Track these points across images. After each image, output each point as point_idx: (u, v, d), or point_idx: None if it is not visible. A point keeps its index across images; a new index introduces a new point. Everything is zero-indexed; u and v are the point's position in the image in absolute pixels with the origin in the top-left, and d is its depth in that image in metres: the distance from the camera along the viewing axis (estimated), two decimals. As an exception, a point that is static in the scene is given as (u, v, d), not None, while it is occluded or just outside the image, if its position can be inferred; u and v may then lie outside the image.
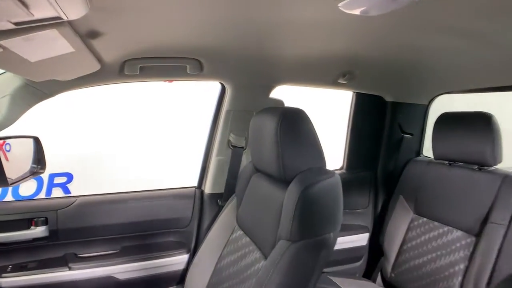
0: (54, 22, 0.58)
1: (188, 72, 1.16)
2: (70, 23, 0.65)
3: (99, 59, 0.98)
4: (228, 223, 1.27)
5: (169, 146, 3.54)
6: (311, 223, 0.89)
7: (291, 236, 0.87)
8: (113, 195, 1.43)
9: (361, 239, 1.74)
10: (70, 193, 3.33)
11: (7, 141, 1.51)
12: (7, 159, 1.48)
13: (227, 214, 1.31)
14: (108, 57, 1.00)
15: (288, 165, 0.96)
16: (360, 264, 1.79)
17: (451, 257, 1.35)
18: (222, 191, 1.46)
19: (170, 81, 3.69)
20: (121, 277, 1.33)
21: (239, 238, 1.18)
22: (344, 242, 1.66)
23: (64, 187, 3.36)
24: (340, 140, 1.83)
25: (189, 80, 1.36)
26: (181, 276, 1.41)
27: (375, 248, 1.77)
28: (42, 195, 3.20)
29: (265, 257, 0.98)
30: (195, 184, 1.54)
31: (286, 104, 1.42)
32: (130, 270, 1.34)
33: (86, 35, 0.76)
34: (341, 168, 1.81)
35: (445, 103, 1.72)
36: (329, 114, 3.29)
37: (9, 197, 3.02)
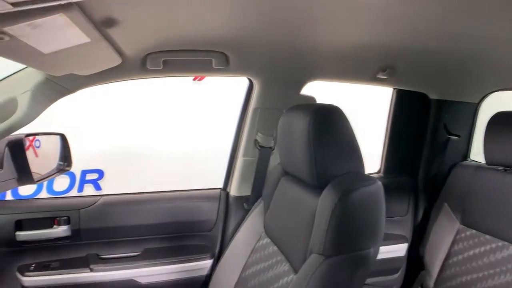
0: (60, 4, 0.52)
1: (213, 66, 1.08)
2: (81, 7, 0.58)
3: (119, 52, 0.92)
4: (254, 229, 1.19)
5: (201, 146, 3.50)
6: (348, 236, 0.78)
7: (324, 250, 0.77)
8: (137, 195, 1.38)
9: (398, 250, 1.60)
10: (101, 189, 3.38)
11: (36, 137, 1.51)
12: (36, 155, 1.47)
13: (254, 219, 1.23)
14: (129, 50, 0.93)
15: (321, 169, 0.86)
16: (397, 276, 1.64)
17: (506, 276, 1.18)
18: (249, 194, 1.38)
19: (200, 79, 3.67)
20: (143, 281, 1.28)
21: (266, 246, 1.09)
22: (380, 252, 1.53)
23: (95, 183, 3.41)
24: (375, 141, 1.70)
25: (214, 75, 1.28)
26: (204, 282, 1.34)
27: (414, 260, 1.62)
28: (74, 191, 3.27)
29: (295, 271, 0.88)
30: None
31: (319, 102, 1.31)
32: (152, 274, 1.28)
33: (102, 23, 0.70)
34: (378, 172, 1.67)
35: (494, 102, 1.54)
36: (363, 112, 3.12)
37: (43, 193, 3.10)
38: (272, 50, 1.06)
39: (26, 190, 2.88)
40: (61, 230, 1.24)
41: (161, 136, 3.45)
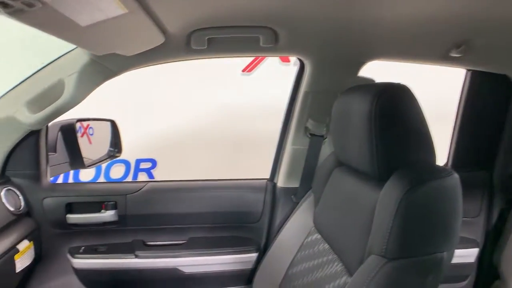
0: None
1: (261, 44, 0.99)
2: None
3: (162, 30, 0.87)
4: (303, 223, 1.10)
5: (251, 135, 3.44)
6: (417, 237, 0.65)
7: (386, 252, 0.65)
8: (182, 182, 1.35)
9: (467, 255, 1.40)
10: (153, 178, 3.47)
11: (90, 124, 1.54)
12: (90, 142, 1.50)
13: (303, 212, 1.13)
14: (172, 27, 0.88)
15: (384, 157, 0.73)
16: (465, 285, 1.45)
17: None
18: (297, 185, 1.28)
19: (249, 70, 3.60)
20: (186, 270, 1.25)
21: (316, 242, 0.99)
22: None
23: (148, 172, 3.52)
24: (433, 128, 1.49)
25: (262, 55, 1.20)
26: (249, 277, 1.28)
27: (487, 268, 1.42)
28: (129, 178, 3.39)
29: (350, 273, 0.77)
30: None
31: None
32: (196, 264, 1.25)
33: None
34: (445, 165, 1.48)
35: None
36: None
37: (101, 179, 3.25)
38: (327, 25, 0.94)
39: (85, 176, 3.04)
40: (108, 215, 1.24)
41: (211, 126, 3.45)
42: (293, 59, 3.47)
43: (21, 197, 1.14)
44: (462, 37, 1.02)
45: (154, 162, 3.53)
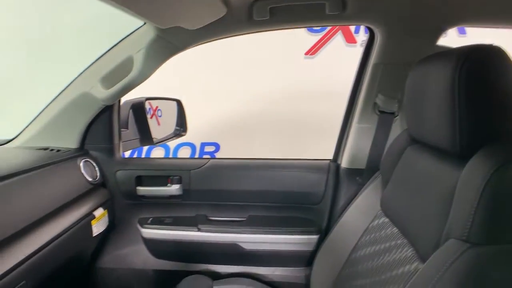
0: None
1: (327, 12, 0.92)
2: None
3: (224, 1, 0.85)
4: (369, 206, 1.02)
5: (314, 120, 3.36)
6: (509, 221, 0.56)
7: (469, 236, 0.56)
8: (244, 160, 1.35)
9: None
10: (216, 160, 3.58)
11: (158, 106, 1.61)
12: (159, 123, 1.58)
13: (369, 194, 1.05)
14: (236, 1, 0.86)
15: (469, 131, 0.63)
16: None
17: None
18: (363, 166, 1.19)
19: (312, 53, 3.48)
20: (246, 247, 1.25)
21: (383, 226, 0.92)
22: None
23: (212, 155, 3.64)
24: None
25: (327, 24, 1.12)
26: (309, 259, 1.24)
27: None
28: (194, 161, 3.55)
29: (422, 259, 0.69)
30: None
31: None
32: (255, 241, 1.25)
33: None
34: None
35: None
36: None
37: (170, 160, 3.45)
38: None
39: (155, 155, 3.24)
40: (174, 189, 1.29)
41: (273, 110, 3.43)
42: (360, 39, 3.29)
43: (97, 169, 1.24)
44: None
45: (217, 146, 3.63)
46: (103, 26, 1.95)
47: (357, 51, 1.19)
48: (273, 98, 3.44)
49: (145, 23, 1.01)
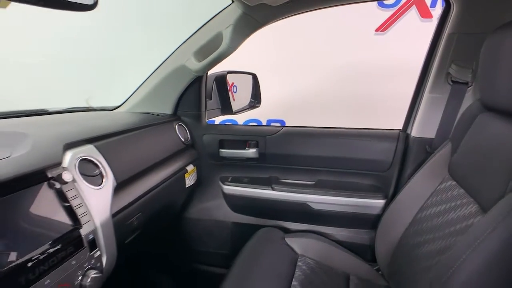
0: None
1: None
2: None
3: None
4: (436, 172, 1.07)
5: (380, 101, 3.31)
6: None
7: None
8: (314, 129, 1.46)
9: None
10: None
11: (234, 83, 1.77)
12: (233, 99, 1.75)
13: (437, 161, 1.10)
14: None
15: None
16: None
17: None
18: (433, 136, 1.23)
19: (383, 29, 3.39)
20: (315, 206, 1.37)
21: (450, 188, 0.97)
22: None
23: (277, 132, 3.79)
24: None
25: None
26: (374, 222, 1.32)
27: None
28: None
29: (485, 212, 0.75)
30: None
31: None
32: (324, 202, 1.36)
33: None
34: None
35: None
36: None
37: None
38: None
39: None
40: (251, 152, 1.46)
41: (339, 87, 3.44)
42: (436, 13, 3.12)
43: (187, 132, 1.44)
44: None
45: (282, 123, 3.76)
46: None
47: (433, 27, 1.20)
48: (340, 75, 3.45)
49: (232, 2, 1.16)
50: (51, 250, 0.66)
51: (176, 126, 1.38)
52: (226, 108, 1.57)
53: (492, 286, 0.67)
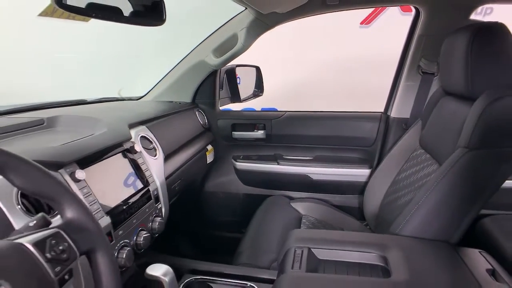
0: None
1: None
2: None
3: None
4: (410, 144, 1.36)
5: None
6: (495, 133, 0.89)
7: (469, 143, 0.91)
8: (311, 113, 1.74)
9: None
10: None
11: (237, 74, 2.01)
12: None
13: (411, 135, 1.39)
14: None
15: (477, 80, 0.96)
16: None
17: None
18: (408, 116, 1.53)
19: (367, 22, 3.67)
20: (314, 177, 1.66)
21: (420, 155, 1.27)
22: None
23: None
24: None
25: (384, 5, 1.43)
26: (362, 187, 1.62)
27: None
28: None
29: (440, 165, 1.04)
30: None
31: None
32: (321, 173, 1.65)
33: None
34: None
35: None
36: None
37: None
38: None
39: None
40: (259, 133, 1.73)
41: (327, 78, 3.72)
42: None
43: (205, 117, 1.70)
44: None
45: (275, 110, 4.02)
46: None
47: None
48: (329, 66, 3.73)
49: (246, 9, 1.41)
50: (134, 199, 0.92)
51: (196, 112, 1.64)
52: (235, 96, 1.83)
53: (444, 218, 0.97)
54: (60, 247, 0.44)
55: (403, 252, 0.89)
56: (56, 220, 0.50)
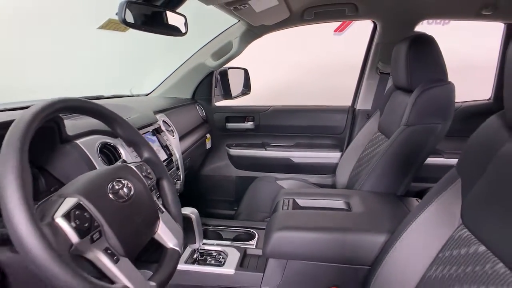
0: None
1: (346, 14, 1.62)
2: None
3: (289, 9, 1.56)
4: (371, 129, 1.72)
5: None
6: (424, 114, 1.25)
7: (408, 121, 1.27)
8: (292, 107, 2.08)
9: None
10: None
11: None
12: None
13: (372, 122, 1.75)
14: (295, 7, 1.56)
15: (414, 76, 1.32)
16: None
17: None
18: (370, 108, 1.90)
19: (340, 30, 4.08)
20: (295, 160, 2.01)
21: (378, 137, 1.63)
22: None
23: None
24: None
25: (348, 20, 1.79)
26: (334, 168, 1.97)
27: None
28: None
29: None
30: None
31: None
32: (301, 156, 2.00)
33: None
34: (489, 99, 1.92)
35: None
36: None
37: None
38: None
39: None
40: (249, 125, 2.06)
41: (305, 79, 4.11)
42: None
43: (203, 111, 2.01)
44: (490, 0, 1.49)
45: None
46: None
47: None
48: (307, 69, 4.11)
49: (239, 21, 1.74)
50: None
51: (196, 107, 1.95)
52: (227, 94, 2.15)
53: (391, 177, 1.33)
54: (148, 171, 0.76)
55: (361, 198, 1.23)
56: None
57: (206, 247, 1.19)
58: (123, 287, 0.55)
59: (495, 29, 1.86)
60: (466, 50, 3.44)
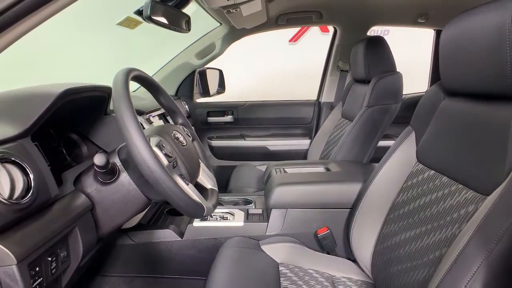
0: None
1: (313, 20, 1.94)
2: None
3: (267, 15, 1.84)
4: (335, 117, 2.04)
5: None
6: (380, 96, 1.58)
7: (369, 103, 1.59)
8: (267, 101, 2.35)
9: None
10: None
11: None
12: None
13: (335, 112, 2.07)
14: (271, 13, 1.85)
15: (370, 69, 1.65)
16: None
17: None
18: (333, 100, 2.23)
19: (295, 40, 4.47)
20: (271, 148, 2.27)
21: (341, 122, 1.94)
22: None
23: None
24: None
25: (315, 25, 2.11)
26: (305, 153, 2.27)
27: None
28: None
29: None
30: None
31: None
32: (276, 145, 2.27)
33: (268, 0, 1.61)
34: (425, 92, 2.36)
35: None
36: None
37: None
38: (349, 7, 1.86)
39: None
40: (228, 118, 2.29)
41: (266, 86, 4.43)
42: (331, 29, 4.31)
43: (186, 107, 2.21)
44: (420, 10, 1.89)
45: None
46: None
47: (329, 39, 2.19)
48: (265, 76, 4.44)
49: (221, 24, 1.98)
50: None
51: (182, 102, 2.14)
52: (204, 92, 2.37)
53: (357, 149, 1.65)
54: (186, 131, 0.97)
55: (337, 164, 1.51)
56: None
57: (215, 211, 1.39)
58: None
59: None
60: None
